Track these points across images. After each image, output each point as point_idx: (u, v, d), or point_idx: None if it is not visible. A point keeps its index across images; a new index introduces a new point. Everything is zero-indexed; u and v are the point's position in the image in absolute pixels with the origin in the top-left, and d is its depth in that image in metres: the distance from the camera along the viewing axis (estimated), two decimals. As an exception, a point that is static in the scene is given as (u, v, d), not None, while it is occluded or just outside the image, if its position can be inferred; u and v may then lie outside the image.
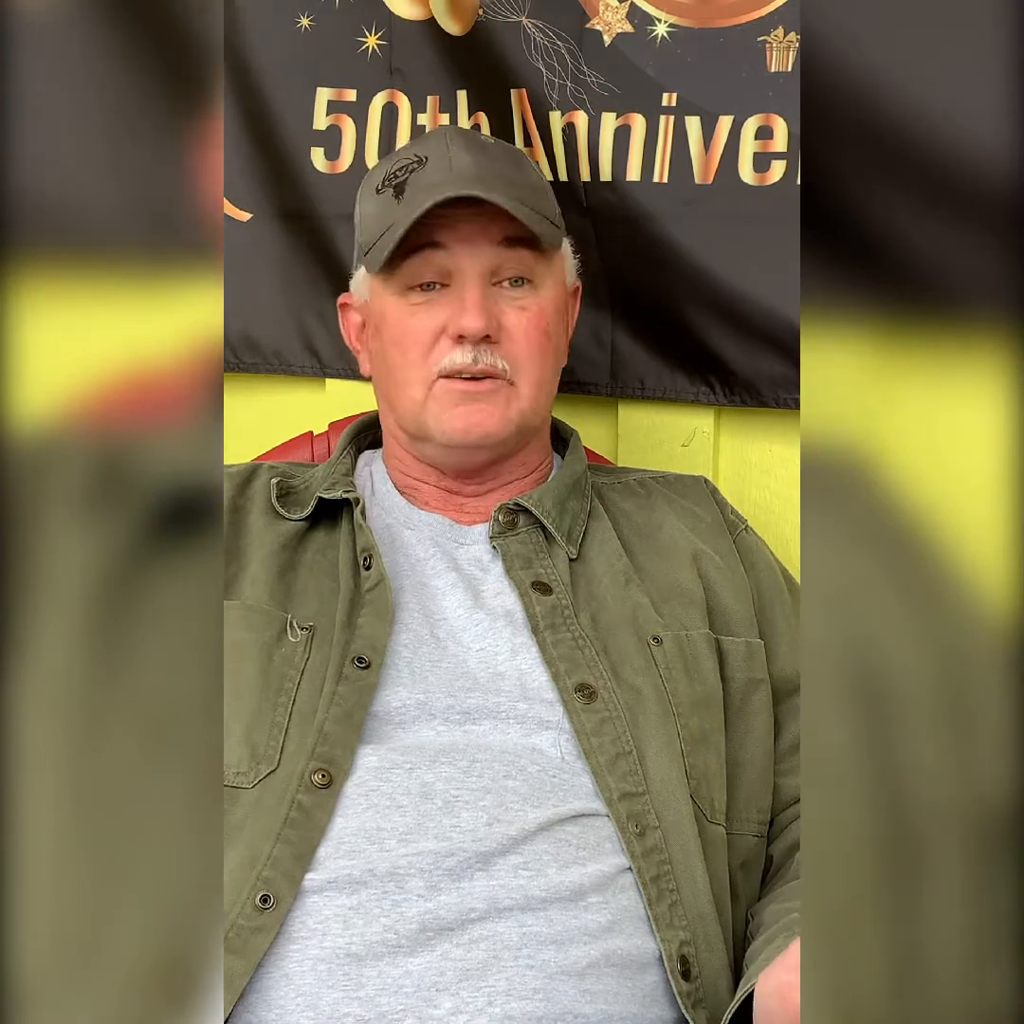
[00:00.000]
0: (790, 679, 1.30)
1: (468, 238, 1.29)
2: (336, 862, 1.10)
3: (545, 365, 1.33)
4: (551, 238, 1.32)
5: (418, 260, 1.30)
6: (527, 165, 1.38)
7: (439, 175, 1.30)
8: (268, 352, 1.71)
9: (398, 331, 1.32)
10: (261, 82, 1.65)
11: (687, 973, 1.11)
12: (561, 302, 1.36)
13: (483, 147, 1.34)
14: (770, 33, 1.45)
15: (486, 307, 1.28)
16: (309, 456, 1.57)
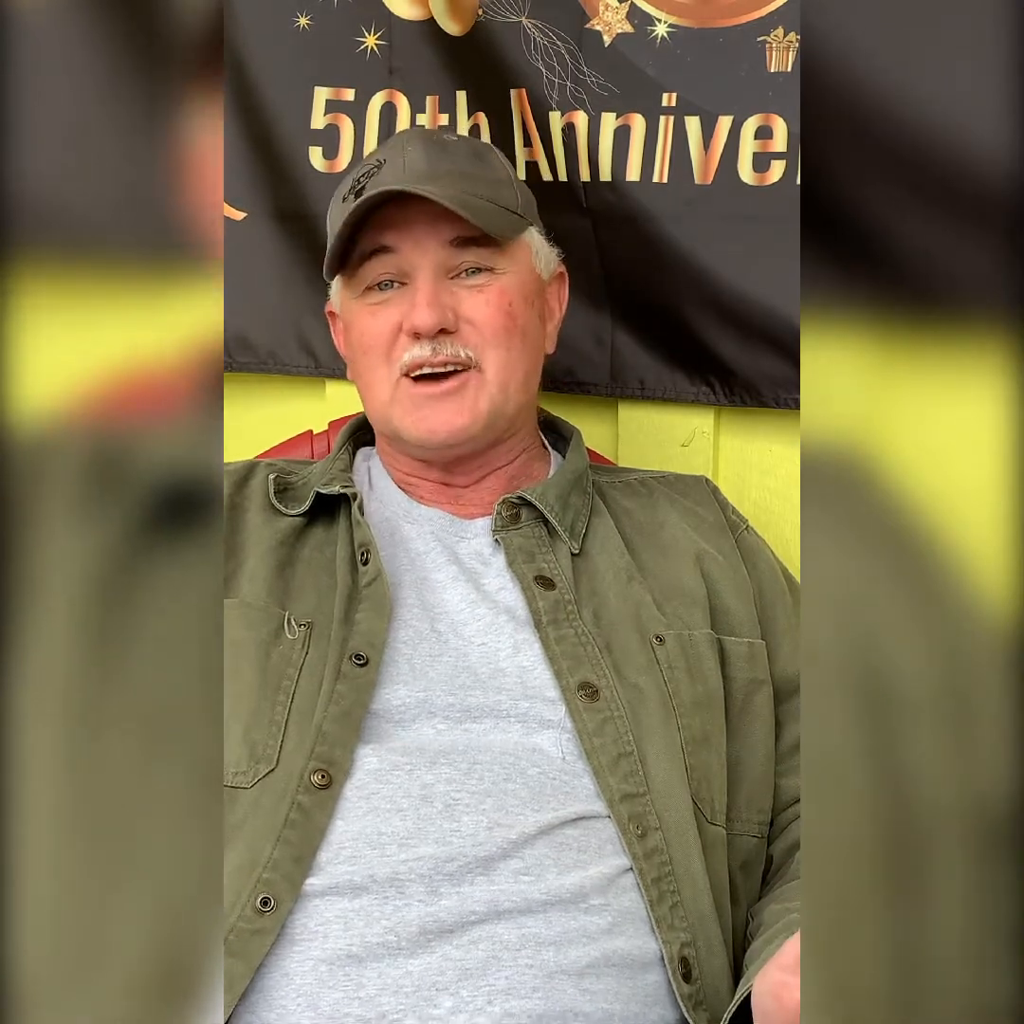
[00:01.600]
0: (791, 679, 1.30)
1: (418, 238, 1.29)
2: (337, 867, 1.10)
3: (512, 346, 1.31)
4: (505, 229, 1.31)
5: (373, 264, 1.31)
6: (492, 159, 1.37)
7: (391, 176, 1.30)
8: (263, 352, 1.70)
9: (360, 332, 1.33)
10: (258, 80, 1.65)
11: (688, 975, 1.11)
12: (529, 288, 1.35)
13: (442, 145, 1.34)
14: (770, 33, 1.45)
15: (438, 302, 1.28)
16: (309, 455, 1.57)
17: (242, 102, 1.65)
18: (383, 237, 1.30)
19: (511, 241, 1.33)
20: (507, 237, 1.32)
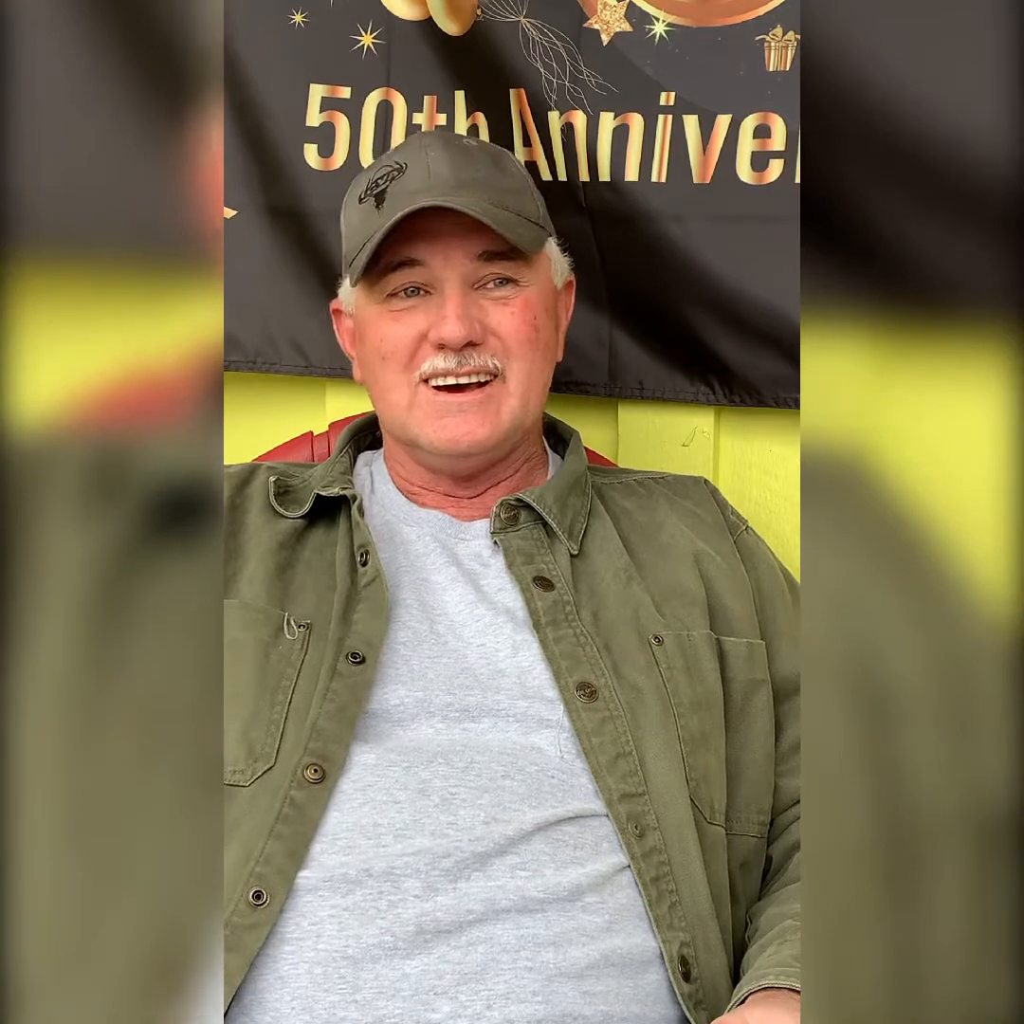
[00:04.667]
0: (791, 679, 1.30)
1: (448, 251, 1.29)
2: (331, 858, 1.09)
3: (535, 359, 1.32)
4: (531, 242, 1.32)
5: (399, 275, 1.30)
6: (510, 165, 1.37)
7: (417, 183, 1.29)
8: (251, 351, 1.70)
9: (379, 337, 1.32)
10: (252, 76, 1.64)
11: (687, 974, 1.11)
12: (549, 299, 1.36)
13: (464, 151, 1.34)
14: (768, 32, 1.45)
15: (467, 315, 1.28)
16: (309, 456, 1.57)
17: (236, 98, 1.64)
18: (413, 250, 1.29)
19: (535, 254, 1.34)
20: (533, 251, 1.33)
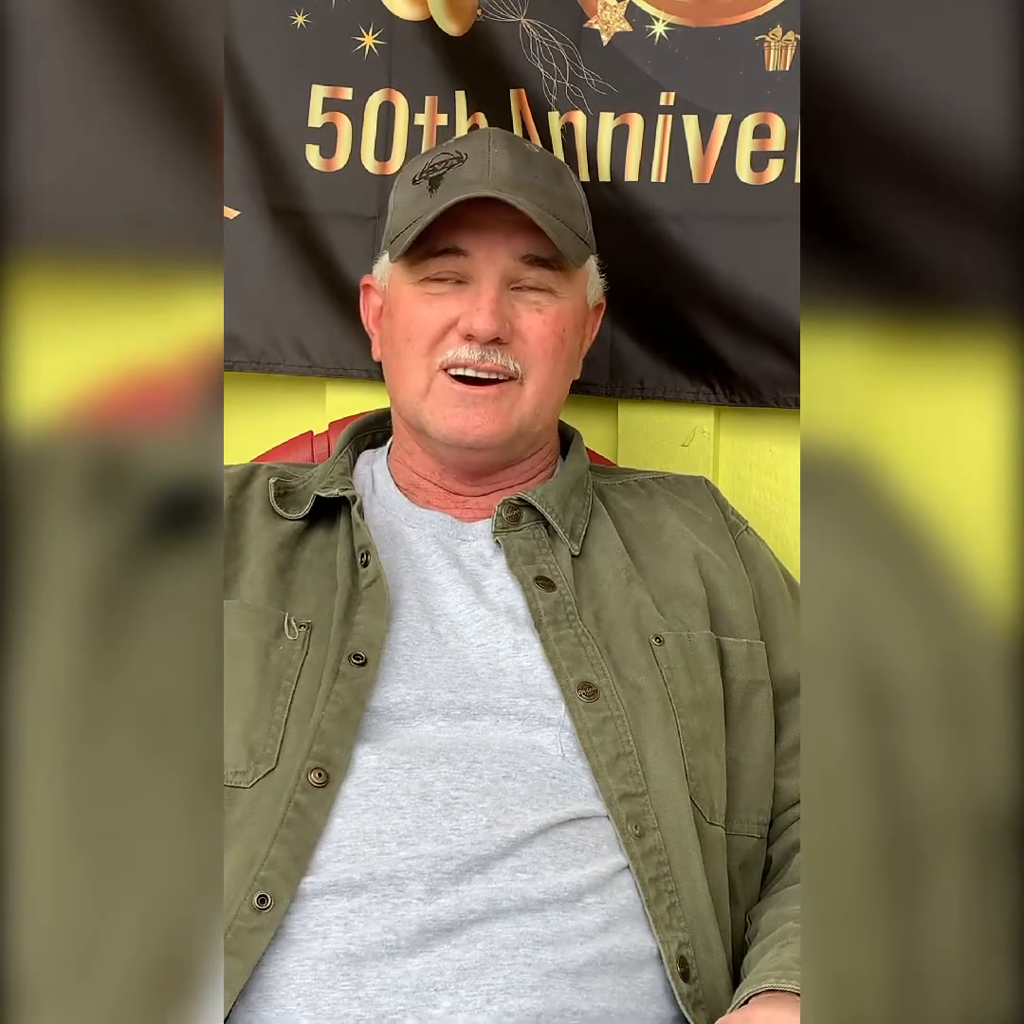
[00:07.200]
0: (791, 680, 1.30)
1: (492, 246, 1.29)
2: (336, 865, 1.10)
3: (556, 370, 1.33)
4: (575, 255, 1.32)
5: (442, 260, 1.31)
6: (567, 178, 1.38)
7: (475, 174, 1.30)
8: (255, 351, 1.70)
9: (409, 318, 1.32)
10: (253, 77, 1.64)
11: (686, 974, 1.11)
12: (580, 316, 1.36)
13: (526, 155, 1.34)
14: (768, 32, 1.45)
15: (500, 311, 1.28)
16: (309, 456, 1.57)
17: (237, 99, 1.64)
18: (459, 239, 1.30)
19: (576, 268, 1.34)
20: (575, 264, 1.33)
